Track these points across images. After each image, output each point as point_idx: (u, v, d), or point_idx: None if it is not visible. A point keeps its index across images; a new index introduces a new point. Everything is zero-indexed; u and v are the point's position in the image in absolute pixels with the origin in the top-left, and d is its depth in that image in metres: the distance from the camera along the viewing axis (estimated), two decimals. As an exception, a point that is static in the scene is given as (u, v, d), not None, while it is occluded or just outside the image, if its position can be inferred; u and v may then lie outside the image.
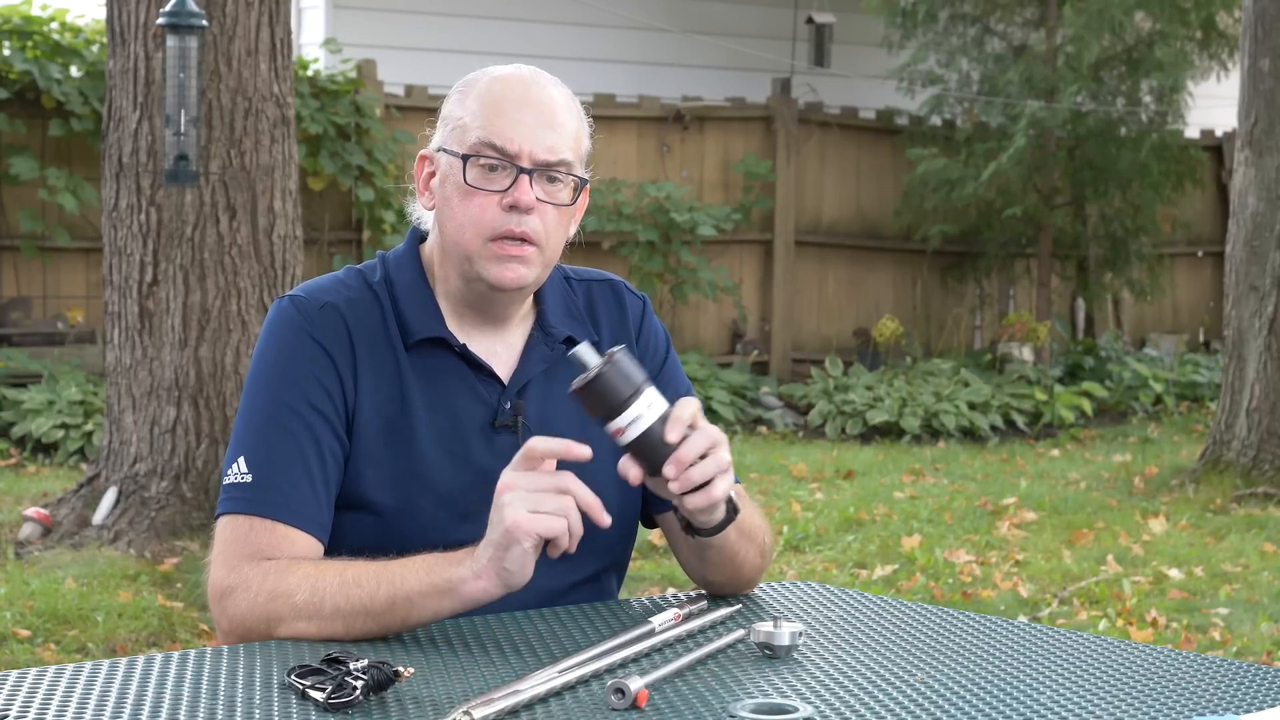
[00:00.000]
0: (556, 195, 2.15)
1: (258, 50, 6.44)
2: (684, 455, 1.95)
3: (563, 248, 2.21)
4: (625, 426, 1.94)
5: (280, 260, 6.55)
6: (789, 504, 7.89)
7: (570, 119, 2.18)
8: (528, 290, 2.19)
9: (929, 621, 2.13)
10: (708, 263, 11.35)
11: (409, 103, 10.63)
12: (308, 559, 2.06)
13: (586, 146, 2.22)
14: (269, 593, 2.01)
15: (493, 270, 2.13)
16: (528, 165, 2.12)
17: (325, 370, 2.14)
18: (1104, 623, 5.70)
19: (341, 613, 1.97)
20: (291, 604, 1.99)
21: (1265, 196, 8.34)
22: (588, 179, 2.21)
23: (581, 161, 2.20)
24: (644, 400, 1.94)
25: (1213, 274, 13.49)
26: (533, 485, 1.92)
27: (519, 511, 1.90)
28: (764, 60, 12.37)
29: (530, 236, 2.13)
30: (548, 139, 2.13)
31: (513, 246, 2.13)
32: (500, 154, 2.12)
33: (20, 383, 9.08)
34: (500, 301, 2.20)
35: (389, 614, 1.97)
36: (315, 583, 1.99)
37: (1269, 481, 8.14)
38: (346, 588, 1.97)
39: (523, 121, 2.13)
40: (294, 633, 1.99)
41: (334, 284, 2.22)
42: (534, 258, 2.14)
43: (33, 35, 9.38)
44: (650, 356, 2.32)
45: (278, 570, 2.03)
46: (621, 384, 1.93)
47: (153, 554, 6.23)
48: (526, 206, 2.11)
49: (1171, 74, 11.50)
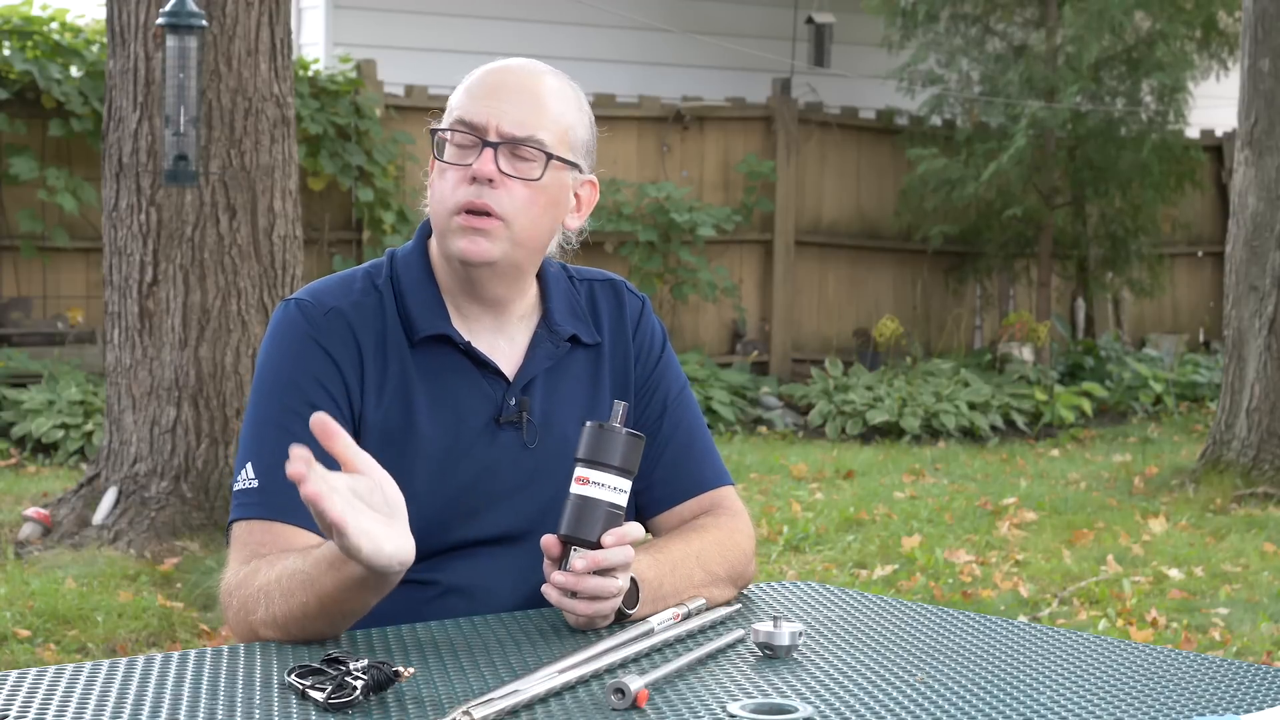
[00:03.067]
0: (525, 171, 2.15)
1: (258, 50, 6.44)
2: (599, 557, 1.98)
3: (545, 233, 2.20)
4: (591, 481, 1.99)
5: (280, 260, 6.55)
6: (789, 504, 7.89)
7: (556, 103, 2.18)
8: (500, 268, 2.17)
9: (929, 621, 2.13)
10: (708, 263, 11.35)
11: (409, 103, 10.63)
12: (264, 562, 2.03)
13: (582, 137, 2.21)
14: (242, 604, 2.02)
15: (458, 243, 2.14)
16: (494, 138, 2.13)
17: (330, 375, 2.15)
18: (1104, 623, 5.70)
19: (293, 619, 1.96)
20: (257, 617, 1.99)
21: (1265, 196, 8.34)
22: (577, 165, 2.20)
23: (570, 148, 2.19)
24: (623, 483, 2.00)
25: (1213, 274, 13.49)
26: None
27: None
28: (764, 60, 12.37)
29: (491, 210, 2.13)
30: (518, 114, 2.14)
31: (475, 219, 2.13)
32: (469, 128, 2.14)
33: (20, 383, 9.08)
34: (480, 281, 2.19)
35: (326, 614, 1.94)
36: (267, 593, 1.98)
37: (1269, 481, 8.14)
38: (286, 596, 1.96)
39: (495, 98, 2.15)
40: (271, 638, 1.99)
41: (339, 286, 2.22)
42: (499, 232, 2.14)
43: (33, 35, 9.38)
44: (646, 353, 2.33)
45: (249, 576, 2.03)
46: (629, 453, 2.00)
47: (153, 554, 6.23)
48: (485, 176, 2.12)
49: (1172, 74, 11.50)
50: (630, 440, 2.00)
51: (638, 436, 2.01)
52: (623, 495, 2.00)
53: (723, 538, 2.24)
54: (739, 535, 2.27)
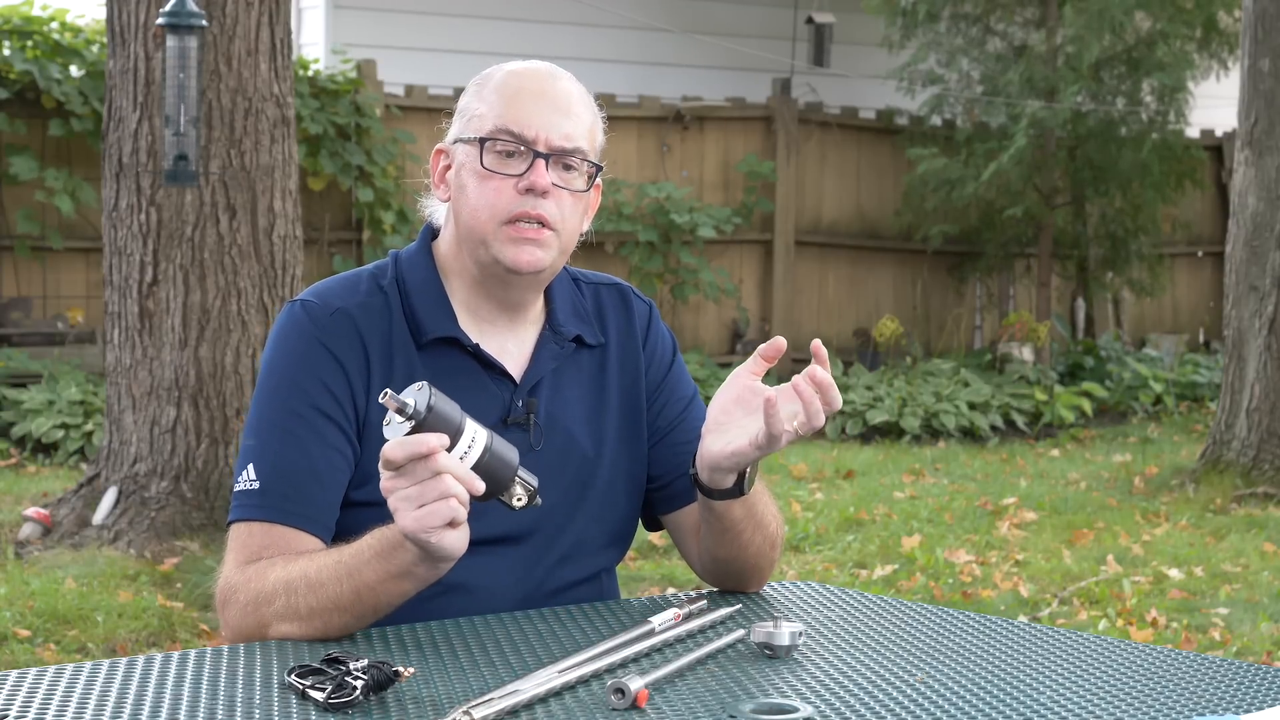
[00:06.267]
0: (572, 182, 2.17)
1: (258, 50, 6.44)
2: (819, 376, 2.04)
3: (577, 236, 2.24)
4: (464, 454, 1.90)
5: (280, 260, 6.55)
6: (789, 504, 7.89)
7: (585, 111, 2.21)
8: (544, 276, 2.20)
9: (929, 621, 2.13)
10: (708, 263, 11.36)
11: (409, 103, 10.63)
12: (280, 559, 2.05)
13: (601, 141, 2.24)
14: (253, 600, 2.02)
15: (509, 252, 2.15)
16: (544, 150, 2.15)
17: (335, 377, 2.15)
18: (1104, 623, 5.70)
19: (316, 612, 1.98)
20: (273, 610, 2.00)
21: (1265, 196, 8.34)
22: (602, 166, 2.24)
23: (596, 153, 2.22)
24: (469, 428, 1.91)
25: (1213, 274, 13.49)
26: (409, 481, 1.88)
27: (405, 517, 1.88)
28: (764, 60, 12.37)
29: (546, 220, 2.15)
30: (563, 126, 2.16)
31: (529, 229, 2.14)
32: (517, 139, 2.15)
33: (20, 383, 9.08)
34: (517, 287, 2.20)
35: (359, 606, 1.98)
36: (289, 585, 2.00)
37: (1269, 481, 8.14)
38: (314, 587, 1.98)
39: (539, 109, 2.16)
40: (282, 634, 2.00)
41: (344, 287, 2.22)
42: (550, 241, 2.16)
43: (33, 35, 9.38)
44: (658, 361, 2.34)
45: (257, 575, 2.04)
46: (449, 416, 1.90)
47: (153, 554, 6.23)
48: (542, 189, 2.13)
49: (1172, 74, 11.51)
50: (430, 417, 1.88)
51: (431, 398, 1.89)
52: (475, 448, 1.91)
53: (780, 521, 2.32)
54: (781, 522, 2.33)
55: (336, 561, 1.99)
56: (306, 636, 1.98)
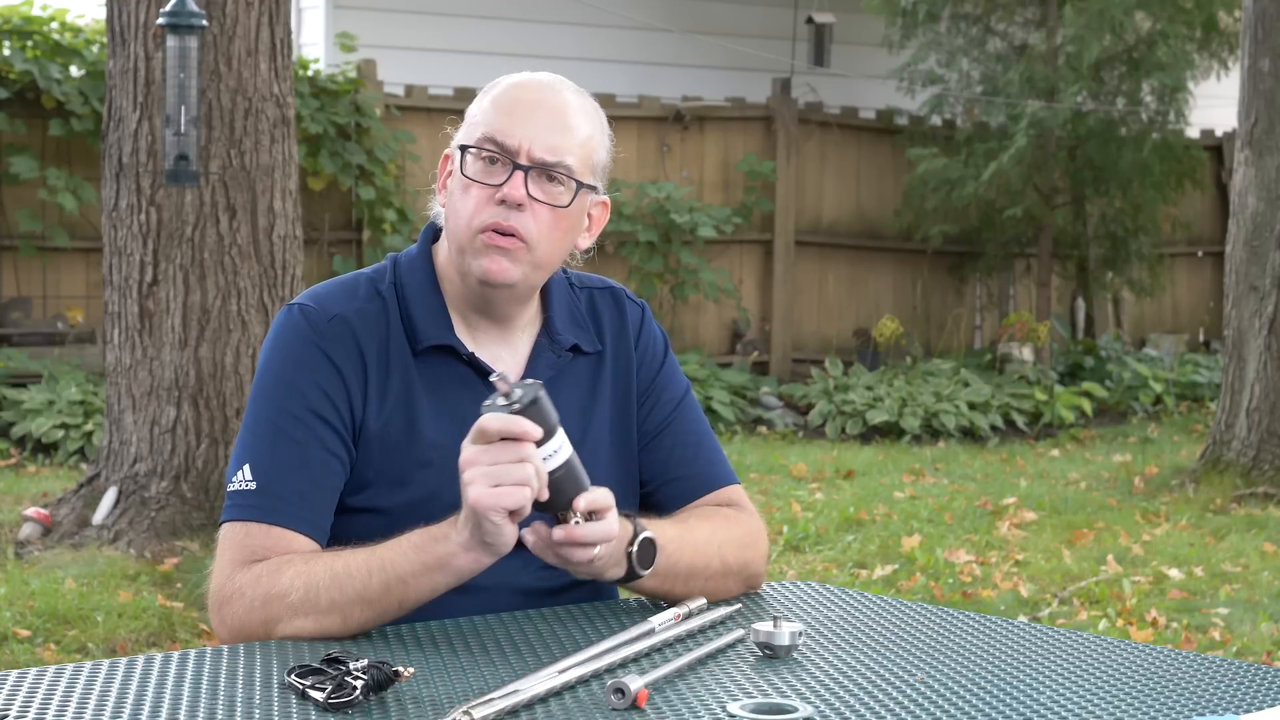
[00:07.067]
0: (557, 197, 2.15)
1: (258, 50, 6.44)
2: (595, 498, 1.97)
3: (562, 255, 2.22)
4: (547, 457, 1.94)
5: (280, 260, 6.55)
6: (789, 504, 7.89)
7: (583, 126, 2.18)
8: (519, 291, 2.19)
9: (929, 621, 2.13)
10: (708, 263, 11.35)
11: (409, 103, 10.63)
12: (297, 556, 2.06)
13: (602, 160, 2.22)
14: (263, 596, 2.02)
15: (479, 262, 2.15)
16: (524, 162, 2.13)
17: (332, 382, 2.15)
18: (1104, 623, 5.70)
19: (338, 605, 1.98)
20: (287, 604, 2.00)
21: (1265, 196, 8.34)
22: (596, 188, 2.21)
23: (592, 171, 2.20)
24: (550, 447, 1.95)
25: (1213, 274, 13.49)
26: (492, 459, 1.91)
27: (481, 489, 1.91)
28: (764, 60, 12.37)
29: (517, 232, 2.13)
30: (550, 139, 2.14)
31: (500, 239, 2.13)
32: (499, 148, 2.14)
33: (20, 383, 9.08)
34: (496, 300, 2.20)
35: (385, 599, 1.99)
36: (308, 579, 2.00)
37: (1269, 481, 8.14)
38: (339, 579, 1.99)
39: (528, 120, 2.14)
40: (292, 631, 1.99)
41: (342, 292, 2.22)
42: (521, 255, 2.14)
43: (33, 35, 9.38)
44: (649, 361, 2.34)
45: (269, 572, 2.03)
46: (548, 415, 1.94)
47: (153, 554, 6.23)
48: (515, 201, 2.12)
49: (1172, 74, 11.50)
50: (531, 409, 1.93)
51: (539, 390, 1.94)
52: (557, 457, 1.96)
53: (743, 536, 2.28)
54: (759, 537, 2.32)
55: (369, 554, 2.00)
56: (318, 632, 1.98)
